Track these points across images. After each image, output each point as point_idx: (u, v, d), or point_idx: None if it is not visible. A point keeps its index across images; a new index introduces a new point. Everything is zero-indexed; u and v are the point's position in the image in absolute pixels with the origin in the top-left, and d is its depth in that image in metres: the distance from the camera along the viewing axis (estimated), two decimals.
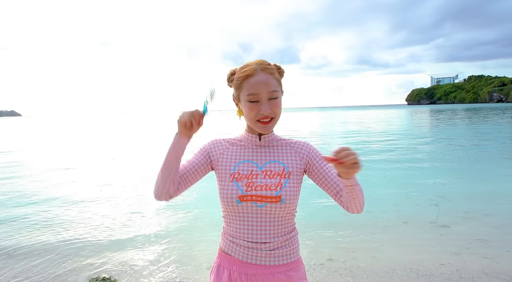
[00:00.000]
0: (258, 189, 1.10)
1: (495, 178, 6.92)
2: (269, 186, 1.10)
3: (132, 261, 3.36)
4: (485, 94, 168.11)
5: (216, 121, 35.16)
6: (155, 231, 4.18)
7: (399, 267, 3.05)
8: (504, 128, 18.98)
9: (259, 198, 1.09)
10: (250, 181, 1.11)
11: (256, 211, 1.10)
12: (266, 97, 1.09)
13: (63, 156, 11.98)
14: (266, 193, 1.09)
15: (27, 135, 25.06)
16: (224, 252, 1.18)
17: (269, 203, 1.09)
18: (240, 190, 1.10)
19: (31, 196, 6.16)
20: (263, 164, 1.16)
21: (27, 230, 4.33)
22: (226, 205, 1.13)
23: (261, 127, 1.13)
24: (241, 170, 1.14)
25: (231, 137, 1.24)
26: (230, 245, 1.16)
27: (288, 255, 1.14)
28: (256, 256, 1.11)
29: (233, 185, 1.11)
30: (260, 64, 1.11)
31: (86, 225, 4.46)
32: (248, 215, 1.11)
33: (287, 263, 1.14)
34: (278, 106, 1.12)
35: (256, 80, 1.08)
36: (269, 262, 1.12)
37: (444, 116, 35.76)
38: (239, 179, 1.12)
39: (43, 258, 3.46)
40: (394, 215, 4.51)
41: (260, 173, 1.13)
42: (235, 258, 1.14)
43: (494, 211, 4.62)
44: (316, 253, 3.41)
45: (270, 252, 1.11)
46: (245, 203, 1.09)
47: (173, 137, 1.10)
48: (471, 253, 3.33)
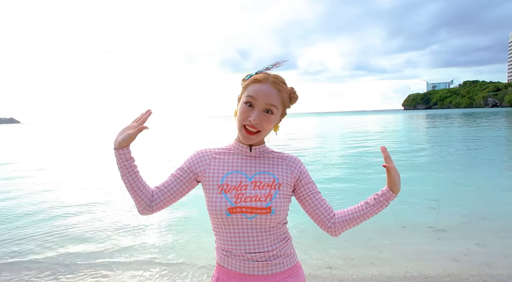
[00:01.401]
0: (247, 200, 1.07)
1: (492, 182, 6.95)
2: (258, 197, 1.08)
3: (128, 270, 3.33)
4: (480, 99, 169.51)
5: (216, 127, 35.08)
6: (152, 239, 4.15)
7: (398, 274, 3.05)
8: (500, 133, 19.12)
9: (249, 210, 1.06)
10: (239, 192, 1.09)
11: (246, 223, 1.08)
12: (262, 107, 1.07)
13: (59, 164, 11.91)
14: (256, 204, 1.07)
15: (26, 143, 24.89)
16: (221, 265, 1.15)
17: (259, 215, 1.07)
18: (229, 202, 1.07)
19: (27, 204, 6.11)
20: (252, 174, 1.13)
21: (24, 237, 4.29)
22: (215, 218, 1.10)
23: (244, 135, 1.10)
24: (229, 181, 1.11)
25: (219, 147, 1.21)
26: (224, 258, 1.13)
27: (284, 262, 1.13)
28: (252, 267, 1.10)
29: (222, 197, 1.08)
30: (273, 77, 1.10)
31: (79, 233, 4.42)
32: (238, 227, 1.08)
33: (285, 270, 1.13)
34: (270, 122, 1.09)
35: (261, 87, 1.08)
36: (266, 271, 1.10)
37: (440, 121, 35.98)
38: (228, 191, 1.09)
39: (39, 262, 3.43)
40: (392, 220, 4.51)
41: (249, 184, 1.10)
42: (232, 270, 1.12)
43: (491, 215, 4.64)
44: (315, 261, 3.40)
45: (265, 262, 1.10)
46: (234, 215, 1.07)
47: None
48: (469, 258, 3.33)
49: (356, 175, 7.95)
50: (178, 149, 15.68)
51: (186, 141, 21.78)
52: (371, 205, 1.13)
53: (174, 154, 13.02)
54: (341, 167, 9.20)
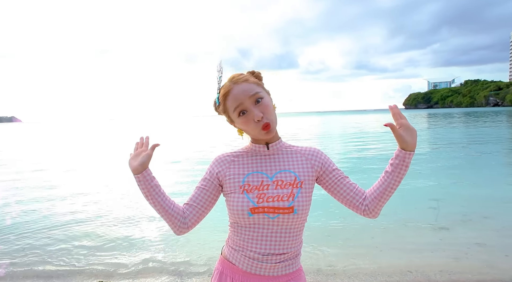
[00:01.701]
0: (269, 200, 1.06)
1: (492, 181, 6.95)
2: (281, 196, 1.07)
3: (129, 265, 3.34)
4: (482, 99, 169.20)
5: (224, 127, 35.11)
6: (153, 236, 4.16)
7: (399, 272, 3.05)
8: (501, 132, 19.08)
9: (271, 210, 1.05)
10: (261, 192, 1.07)
11: (268, 223, 1.07)
12: (250, 102, 1.07)
13: (61, 162, 11.93)
14: (279, 204, 1.06)
15: (28, 142, 24.95)
16: (228, 260, 1.15)
17: (282, 214, 1.06)
18: (251, 202, 1.06)
19: (27, 201, 6.12)
20: (273, 173, 1.12)
21: (23, 234, 4.31)
22: (237, 218, 1.09)
23: (264, 134, 1.09)
24: (251, 181, 1.10)
25: (235, 150, 1.20)
26: (235, 254, 1.13)
27: (292, 265, 1.13)
28: (261, 268, 1.09)
29: (244, 197, 1.07)
30: (232, 79, 1.10)
31: (81, 230, 4.44)
32: (260, 227, 1.07)
33: (289, 273, 1.13)
34: (268, 106, 1.08)
35: (233, 92, 1.07)
36: (273, 273, 1.10)
37: (441, 120, 35.92)
38: (250, 191, 1.08)
39: (39, 261, 3.44)
40: (393, 219, 4.51)
41: (271, 183, 1.09)
42: (238, 267, 1.12)
43: (492, 214, 4.64)
44: (316, 258, 3.40)
45: (277, 263, 1.09)
46: (256, 215, 1.06)
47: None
48: (470, 257, 3.33)
49: (359, 173, 7.95)
50: (182, 149, 15.68)
51: (190, 140, 21.79)
52: (391, 172, 1.07)
53: (179, 154, 13.03)
54: (344, 167, 9.20)
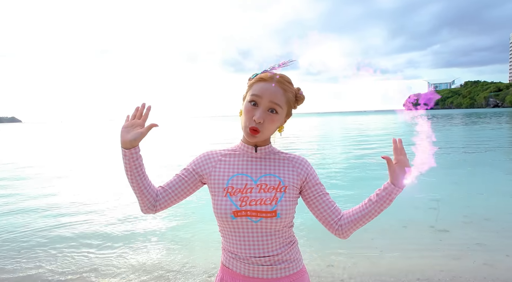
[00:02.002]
0: (252, 203, 1.06)
1: (493, 183, 6.94)
2: (264, 200, 1.06)
3: (129, 271, 3.34)
4: (482, 100, 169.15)
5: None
6: (153, 240, 4.16)
7: (399, 273, 3.05)
8: (502, 133, 19.08)
9: (254, 213, 1.05)
10: (244, 195, 1.07)
11: (252, 226, 1.06)
12: (266, 105, 1.06)
13: (61, 163, 11.93)
14: (261, 208, 1.05)
15: (28, 142, 24.95)
16: (226, 266, 1.15)
17: (264, 218, 1.05)
18: (234, 205, 1.06)
19: (25, 201, 6.12)
20: (258, 177, 1.11)
21: (22, 234, 4.31)
22: (220, 220, 1.09)
23: (248, 134, 1.08)
24: (234, 184, 1.10)
25: (225, 148, 1.20)
26: (230, 260, 1.13)
27: (290, 266, 1.12)
28: (257, 271, 1.09)
29: (227, 200, 1.07)
30: (279, 76, 1.08)
31: (79, 233, 4.44)
32: (244, 230, 1.07)
33: (290, 274, 1.12)
34: (274, 122, 1.07)
35: (265, 85, 1.06)
36: (271, 275, 1.09)
37: (442, 121, 35.91)
38: (233, 193, 1.08)
39: (37, 262, 3.45)
40: (393, 220, 4.51)
41: (254, 187, 1.09)
42: (237, 272, 1.11)
43: (493, 215, 4.63)
44: (316, 259, 3.40)
45: (270, 266, 1.09)
46: (239, 218, 1.05)
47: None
48: (470, 258, 3.33)
49: (359, 181, 7.95)
50: (180, 149, 15.68)
51: (188, 141, 21.77)
52: (374, 202, 1.09)
53: (176, 155, 13.02)
54: (345, 171, 9.20)
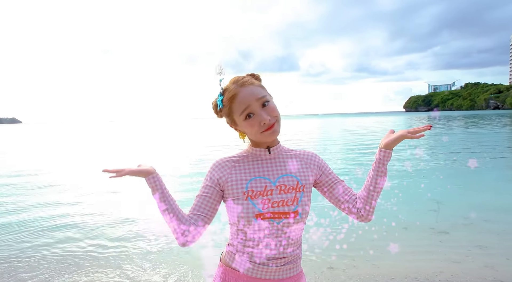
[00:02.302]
0: (275, 205, 1.06)
1: (493, 185, 6.93)
2: (285, 201, 1.07)
3: (126, 271, 3.33)
4: (482, 101, 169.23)
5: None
6: (151, 241, 4.15)
7: (399, 275, 3.04)
8: (502, 136, 19.07)
9: (277, 215, 1.06)
10: (265, 197, 1.07)
11: (274, 228, 1.06)
12: (258, 105, 1.06)
13: (63, 164, 11.93)
14: (284, 209, 1.06)
15: (29, 143, 24.97)
16: (229, 266, 1.13)
17: (287, 219, 1.06)
18: (256, 208, 1.06)
19: (23, 202, 6.11)
20: (276, 178, 1.11)
21: (19, 238, 4.30)
22: (241, 224, 1.07)
23: (267, 135, 1.07)
24: (254, 187, 1.09)
25: (234, 155, 1.18)
26: (239, 261, 1.11)
27: (294, 267, 1.13)
28: (265, 272, 1.09)
29: (248, 203, 1.06)
30: (237, 82, 1.09)
31: (78, 233, 4.42)
32: (265, 233, 1.07)
33: (294, 275, 1.13)
34: (274, 109, 1.09)
35: (241, 96, 1.06)
36: (276, 276, 1.10)
37: (442, 123, 35.91)
38: (254, 197, 1.07)
39: (36, 262, 3.44)
40: (394, 222, 4.50)
41: (274, 188, 1.09)
42: (241, 273, 1.10)
43: (493, 218, 4.62)
44: (316, 261, 3.39)
45: (281, 267, 1.09)
46: (262, 221, 1.05)
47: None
48: (471, 260, 3.32)
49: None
50: (180, 152, 15.68)
51: (188, 143, 21.78)
52: (374, 174, 1.13)
53: (177, 161, 13.02)
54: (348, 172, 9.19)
